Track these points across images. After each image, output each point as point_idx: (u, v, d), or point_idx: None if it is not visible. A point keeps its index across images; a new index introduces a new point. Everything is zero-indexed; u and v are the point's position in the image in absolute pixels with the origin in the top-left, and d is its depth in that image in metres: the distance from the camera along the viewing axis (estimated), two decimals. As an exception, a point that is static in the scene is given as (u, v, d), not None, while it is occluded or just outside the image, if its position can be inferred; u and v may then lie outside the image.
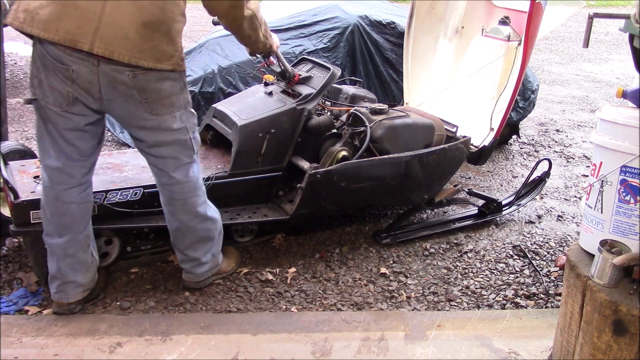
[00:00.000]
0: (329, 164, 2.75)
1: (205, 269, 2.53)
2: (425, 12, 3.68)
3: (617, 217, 1.87)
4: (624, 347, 1.70)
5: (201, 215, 2.42)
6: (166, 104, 2.18)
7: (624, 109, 1.93)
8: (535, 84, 4.43)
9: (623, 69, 7.50)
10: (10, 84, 5.51)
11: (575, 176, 4.11)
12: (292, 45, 3.93)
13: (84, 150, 2.21)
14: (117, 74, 2.05)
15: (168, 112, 2.20)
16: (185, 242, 2.46)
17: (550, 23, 4.00)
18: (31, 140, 4.22)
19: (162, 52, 2.06)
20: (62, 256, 2.28)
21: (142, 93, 2.11)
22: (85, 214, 2.29)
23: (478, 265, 2.90)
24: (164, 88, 2.14)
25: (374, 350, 2.22)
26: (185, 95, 2.25)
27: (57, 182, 2.20)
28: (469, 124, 3.26)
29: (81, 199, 2.25)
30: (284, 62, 2.85)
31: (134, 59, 2.01)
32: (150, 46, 2.03)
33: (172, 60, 2.10)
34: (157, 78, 2.11)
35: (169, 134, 2.24)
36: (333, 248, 2.97)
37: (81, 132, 2.18)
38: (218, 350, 2.19)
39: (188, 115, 2.28)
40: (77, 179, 2.22)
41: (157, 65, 2.07)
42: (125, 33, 1.98)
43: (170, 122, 2.22)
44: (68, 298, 2.34)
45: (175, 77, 2.16)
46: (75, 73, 2.03)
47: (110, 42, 1.98)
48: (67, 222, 2.25)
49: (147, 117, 2.17)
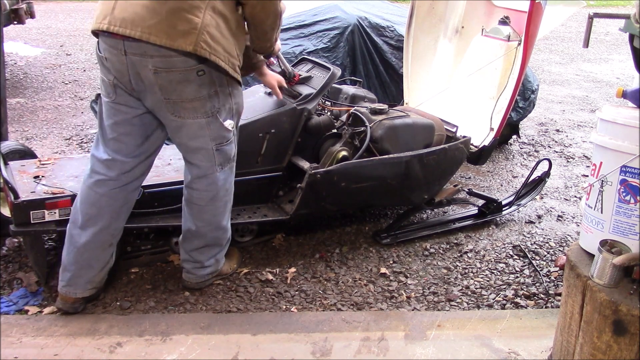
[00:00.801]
0: (329, 164, 2.75)
1: (206, 272, 2.53)
2: (425, 12, 3.67)
3: (617, 217, 1.87)
4: (624, 347, 1.70)
5: (215, 224, 2.42)
6: (188, 107, 2.14)
7: (624, 109, 1.93)
8: (535, 84, 4.43)
9: (623, 69, 7.50)
10: (10, 84, 5.51)
11: (575, 176, 4.11)
12: (292, 45, 3.93)
13: (130, 148, 2.25)
14: (141, 66, 2.06)
15: (191, 117, 2.17)
16: (193, 245, 2.46)
17: (550, 23, 4.01)
18: (31, 140, 4.22)
19: (172, 27, 1.99)
20: (83, 250, 2.27)
21: (164, 92, 2.10)
22: (114, 210, 2.29)
23: (478, 265, 2.90)
24: (186, 91, 2.10)
25: (374, 350, 2.22)
26: (214, 103, 2.17)
27: (97, 171, 2.26)
28: (469, 124, 3.26)
29: (113, 194, 2.26)
30: (284, 62, 2.85)
31: (145, 35, 1.99)
32: (158, 20, 1.98)
33: (190, 38, 1.99)
34: (179, 79, 2.07)
35: (190, 139, 2.23)
36: (333, 248, 2.97)
37: (129, 127, 2.22)
38: (218, 350, 2.19)
39: (216, 126, 2.21)
40: (115, 173, 2.25)
41: (171, 44, 2.00)
42: (134, 9, 2.00)
43: (193, 128, 2.19)
44: (76, 293, 2.33)
45: (202, 81, 2.10)
46: (109, 62, 2.12)
47: (123, 18, 2.01)
48: (94, 214, 2.25)
49: (170, 117, 2.17)
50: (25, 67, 6.19)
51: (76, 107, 5.04)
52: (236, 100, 2.27)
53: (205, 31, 2.02)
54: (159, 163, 2.85)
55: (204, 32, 2.02)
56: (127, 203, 2.33)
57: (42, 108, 4.97)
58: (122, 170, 2.26)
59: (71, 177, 2.63)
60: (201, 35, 2.02)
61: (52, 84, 5.66)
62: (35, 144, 4.17)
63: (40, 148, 4.07)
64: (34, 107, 4.99)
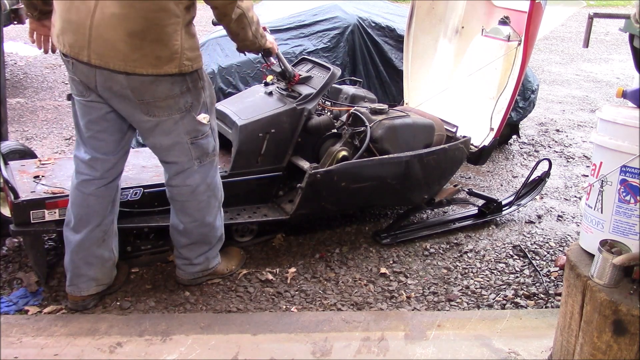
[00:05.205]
0: (329, 164, 2.75)
1: (195, 269, 2.54)
2: (425, 12, 3.67)
3: (617, 217, 1.87)
4: (624, 347, 1.70)
5: (199, 220, 2.42)
6: (162, 106, 2.16)
7: (624, 109, 1.93)
8: (535, 84, 4.43)
9: (623, 69, 7.50)
10: (10, 84, 5.51)
11: (575, 176, 4.11)
12: (292, 45, 3.93)
13: (109, 146, 2.27)
14: (112, 74, 2.08)
15: (166, 115, 2.19)
16: (180, 241, 2.48)
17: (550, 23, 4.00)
18: (31, 140, 4.22)
19: (157, 58, 2.06)
20: (77, 249, 2.31)
21: (136, 93, 2.11)
22: (103, 208, 2.31)
23: (478, 265, 2.90)
24: (159, 89, 2.12)
25: (374, 350, 2.22)
26: (187, 99, 2.20)
27: (81, 172, 2.29)
28: (469, 124, 3.26)
29: (100, 193, 2.29)
30: (284, 62, 2.85)
31: (130, 68, 2.05)
32: (142, 54, 2.04)
33: (174, 62, 2.09)
34: (151, 80, 2.10)
35: (165, 135, 2.24)
36: (333, 248, 2.97)
37: (105, 123, 2.23)
38: (218, 350, 2.19)
39: (190, 120, 2.24)
40: (99, 172, 2.28)
41: (159, 71, 2.08)
42: (113, 44, 2.02)
43: (167, 124, 2.21)
44: (80, 292, 2.36)
45: (174, 79, 2.14)
46: (74, 67, 2.14)
47: (103, 53, 2.04)
48: (84, 214, 2.29)
49: (144, 118, 2.18)
50: (25, 67, 6.18)
51: (76, 107, 5.03)
52: (208, 93, 2.32)
53: (184, 50, 2.11)
54: (159, 163, 2.84)
55: (184, 52, 2.11)
56: (115, 199, 2.37)
57: (42, 108, 4.97)
58: (105, 168, 2.29)
59: (71, 177, 2.63)
60: (182, 56, 2.11)
61: (52, 84, 5.66)
62: (35, 144, 4.17)
63: (40, 148, 4.07)
64: (34, 107, 4.99)
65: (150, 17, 2.01)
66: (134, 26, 2.01)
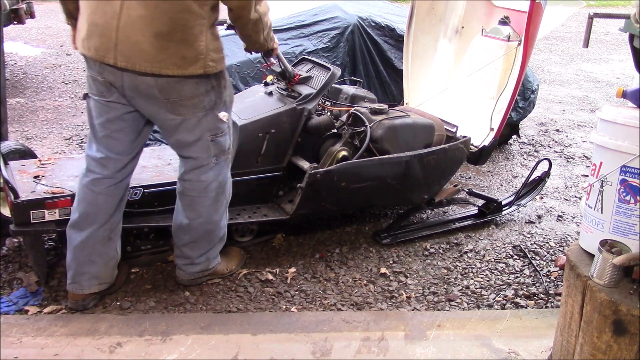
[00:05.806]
0: (329, 164, 2.75)
1: (196, 269, 2.55)
2: (425, 12, 3.67)
3: (617, 217, 1.87)
4: (624, 347, 1.70)
5: (206, 216, 2.43)
6: (188, 104, 2.21)
7: (624, 109, 1.93)
8: (535, 84, 4.43)
9: (623, 69, 7.49)
10: (10, 84, 5.51)
11: (575, 176, 4.11)
12: (292, 45, 3.93)
13: (123, 145, 2.29)
14: (138, 76, 2.11)
15: (191, 113, 2.23)
16: (183, 239, 2.48)
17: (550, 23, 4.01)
18: (31, 140, 4.22)
19: (182, 59, 2.09)
20: (81, 246, 2.32)
21: (163, 92, 2.15)
22: (112, 207, 2.33)
23: (478, 265, 2.90)
24: (185, 89, 2.17)
25: (374, 350, 2.22)
26: (211, 97, 2.25)
27: (92, 170, 2.30)
28: (469, 124, 3.26)
29: (109, 192, 2.31)
30: (284, 62, 2.85)
31: (156, 69, 2.08)
32: (167, 55, 2.07)
33: (199, 63, 2.13)
34: (177, 80, 2.14)
35: (189, 133, 2.28)
36: (333, 248, 2.97)
37: (122, 123, 2.25)
38: (218, 350, 2.19)
39: (212, 117, 2.29)
40: (110, 171, 2.29)
41: (184, 72, 2.11)
42: (140, 46, 2.05)
43: (192, 122, 2.25)
44: (82, 289, 2.36)
45: (199, 79, 2.18)
46: (101, 67, 2.16)
47: (129, 55, 2.07)
48: (91, 212, 2.30)
49: (169, 116, 2.22)
50: (25, 67, 6.18)
51: (76, 107, 5.04)
52: (228, 92, 2.36)
53: (209, 52, 2.15)
54: (159, 163, 2.85)
55: (209, 53, 2.15)
56: (123, 198, 2.38)
57: (42, 108, 4.97)
58: (117, 168, 2.30)
59: (71, 177, 2.63)
60: (207, 57, 2.15)
61: (52, 84, 5.66)
62: (35, 144, 4.17)
63: (40, 148, 4.07)
64: (34, 107, 4.99)
65: (176, 18, 2.04)
66: (160, 27, 2.04)
